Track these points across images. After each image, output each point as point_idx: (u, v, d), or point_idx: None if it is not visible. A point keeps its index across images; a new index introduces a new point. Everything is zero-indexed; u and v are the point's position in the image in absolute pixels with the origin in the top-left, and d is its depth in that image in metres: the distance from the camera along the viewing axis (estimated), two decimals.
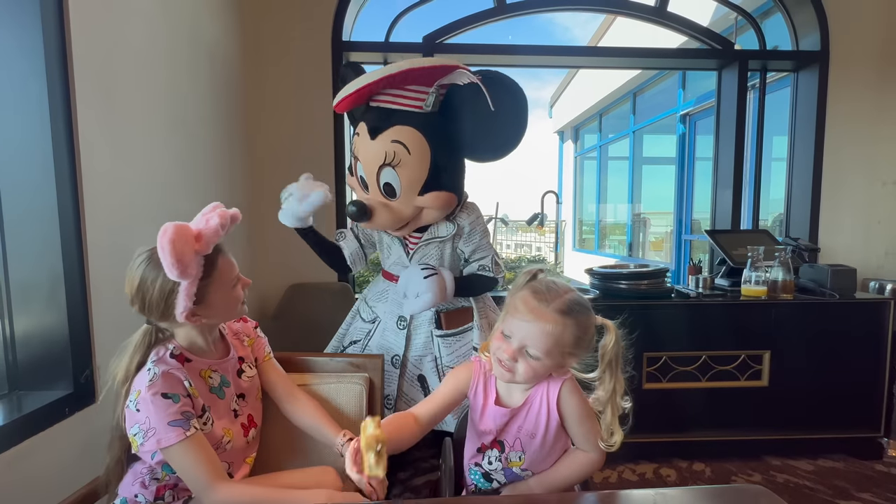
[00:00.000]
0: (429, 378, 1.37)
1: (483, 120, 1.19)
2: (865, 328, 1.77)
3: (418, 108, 1.22)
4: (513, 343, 0.76)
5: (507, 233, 9.31)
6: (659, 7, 2.33)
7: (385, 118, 1.22)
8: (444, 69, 1.18)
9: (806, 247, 2.06)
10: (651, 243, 5.77)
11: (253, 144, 2.12)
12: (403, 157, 1.20)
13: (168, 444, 0.75)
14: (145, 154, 1.37)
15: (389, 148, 1.20)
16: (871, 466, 1.77)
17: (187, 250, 0.74)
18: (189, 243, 0.75)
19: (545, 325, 0.73)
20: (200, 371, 0.86)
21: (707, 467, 1.77)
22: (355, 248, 1.45)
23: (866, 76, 2.32)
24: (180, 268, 0.74)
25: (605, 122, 6.73)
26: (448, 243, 1.36)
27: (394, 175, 1.22)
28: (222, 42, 1.88)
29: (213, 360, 0.89)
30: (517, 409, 0.84)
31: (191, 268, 0.76)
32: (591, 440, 0.83)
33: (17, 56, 1.02)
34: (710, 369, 1.77)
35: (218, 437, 0.84)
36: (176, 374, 0.80)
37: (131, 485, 0.83)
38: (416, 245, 1.36)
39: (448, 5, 2.38)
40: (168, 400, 0.77)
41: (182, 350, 0.85)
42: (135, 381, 0.80)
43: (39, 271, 1.06)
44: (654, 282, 1.80)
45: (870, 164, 2.36)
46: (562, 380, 0.83)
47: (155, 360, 0.81)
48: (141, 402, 0.76)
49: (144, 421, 0.75)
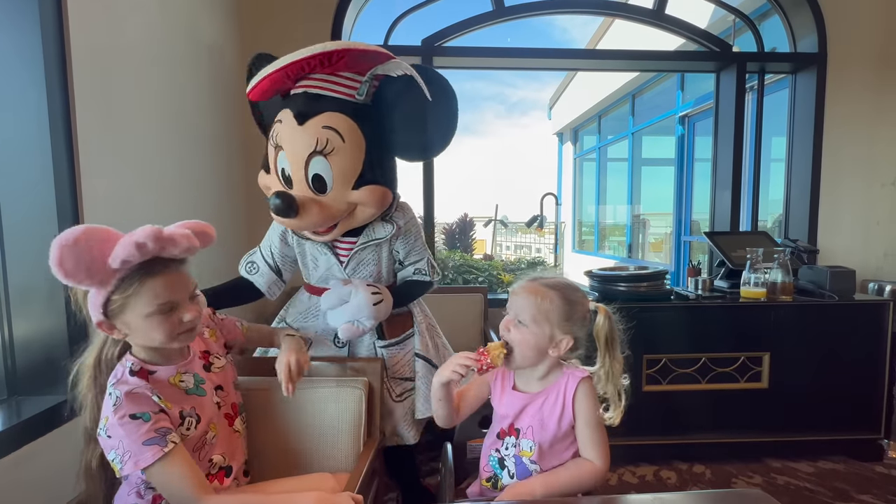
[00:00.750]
0: None
1: (416, 115, 1.12)
2: (865, 329, 1.78)
3: (350, 97, 1.10)
4: (510, 316, 0.88)
5: (507, 234, 9.32)
6: (657, 10, 2.34)
7: (314, 103, 1.08)
8: (379, 57, 1.09)
9: (805, 248, 2.06)
10: (650, 244, 5.77)
11: (251, 146, 2.12)
12: (337, 144, 1.06)
13: (146, 464, 0.72)
14: (144, 157, 1.37)
15: (321, 134, 1.06)
16: (872, 468, 1.77)
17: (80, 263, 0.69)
18: (85, 255, 0.70)
19: (534, 297, 0.85)
20: (169, 379, 0.82)
21: (707, 469, 1.76)
22: (271, 279, 1.29)
23: (864, 78, 2.32)
24: (61, 272, 0.69)
25: (604, 124, 6.74)
26: (385, 245, 1.24)
27: (325, 165, 1.07)
28: (221, 44, 1.88)
29: (178, 364, 0.85)
30: (533, 396, 0.89)
31: (82, 277, 0.70)
32: (596, 447, 0.86)
33: (15, 59, 1.02)
34: (709, 371, 1.77)
35: (201, 435, 0.83)
36: (141, 391, 0.76)
37: (127, 495, 0.82)
38: (351, 250, 1.22)
39: (447, 8, 2.39)
40: (137, 420, 0.74)
41: (142, 364, 0.80)
42: (102, 408, 0.77)
43: (38, 275, 1.05)
44: (653, 284, 1.80)
45: (868, 166, 2.37)
46: (579, 378, 0.87)
47: (114, 383, 0.77)
48: (110, 427, 0.73)
49: (118, 445, 0.73)
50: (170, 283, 0.77)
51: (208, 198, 1.77)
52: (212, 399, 0.88)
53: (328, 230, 1.16)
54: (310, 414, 1.05)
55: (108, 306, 0.75)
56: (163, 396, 0.79)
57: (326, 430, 1.04)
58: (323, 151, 1.06)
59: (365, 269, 1.25)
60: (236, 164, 2.00)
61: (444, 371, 0.87)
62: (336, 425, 1.04)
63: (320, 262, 1.26)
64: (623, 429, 0.88)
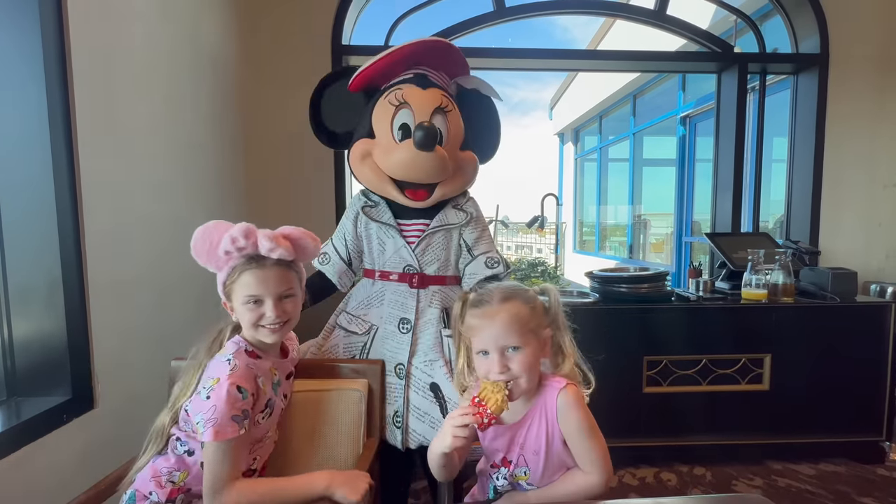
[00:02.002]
0: (443, 386, 1.18)
1: (478, 122, 1.34)
2: (866, 331, 1.77)
3: (450, 93, 1.30)
4: (493, 354, 0.78)
5: (508, 235, 9.32)
6: (658, 10, 2.33)
7: (428, 81, 1.26)
8: (464, 67, 1.32)
9: (806, 250, 2.06)
10: (651, 245, 5.76)
11: (252, 148, 2.12)
12: (452, 108, 1.25)
13: (225, 437, 0.77)
14: (144, 158, 1.37)
15: (442, 97, 1.24)
16: (873, 471, 1.76)
17: (202, 246, 0.85)
18: (206, 241, 0.85)
19: (502, 318, 0.78)
20: (269, 368, 0.91)
21: (708, 472, 1.76)
22: (341, 269, 1.31)
23: (867, 79, 2.31)
24: (196, 254, 0.86)
25: (605, 124, 6.74)
26: (455, 233, 1.28)
27: (444, 121, 1.23)
28: (222, 46, 1.88)
29: (276, 360, 0.94)
30: (516, 426, 0.83)
31: (204, 259, 0.86)
32: (593, 458, 0.79)
33: (15, 59, 1.02)
34: (710, 373, 1.76)
35: (265, 432, 0.89)
36: (252, 369, 0.84)
37: (148, 480, 0.84)
38: (423, 232, 1.24)
39: (448, 9, 2.38)
40: (240, 394, 0.80)
41: (253, 347, 0.89)
42: (211, 369, 0.84)
43: (38, 275, 1.05)
44: (654, 285, 1.80)
45: (870, 167, 2.36)
46: (558, 387, 0.81)
47: (234, 352, 0.85)
48: (216, 389, 0.79)
49: (211, 410, 0.77)
50: (261, 278, 0.86)
51: (208, 197, 1.76)
52: (280, 404, 0.94)
53: (426, 194, 1.23)
54: (310, 415, 1.05)
55: (224, 289, 0.88)
56: (264, 380, 0.87)
57: (326, 430, 1.04)
58: (445, 108, 1.23)
59: (434, 253, 1.26)
60: (237, 166, 2.00)
61: (444, 440, 0.76)
62: (336, 426, 1.04)
63: (387, 246, 1.26)
64: (623, 430, 0.86)
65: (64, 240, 1.06)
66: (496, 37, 2.42)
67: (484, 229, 1.33)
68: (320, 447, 1.03)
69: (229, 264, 0.86)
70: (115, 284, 1.22)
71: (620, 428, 1.71)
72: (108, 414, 1.17)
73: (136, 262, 1.28)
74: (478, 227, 1.31)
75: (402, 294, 1.23)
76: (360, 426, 1.05)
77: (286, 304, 0.89)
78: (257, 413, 0.85)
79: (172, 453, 0.86)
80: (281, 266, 0.88)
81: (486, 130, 1.38)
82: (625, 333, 1.72)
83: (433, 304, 1.24)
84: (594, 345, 0.91)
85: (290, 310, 0.90)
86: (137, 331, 1.30)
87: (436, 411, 1.17)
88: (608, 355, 1.77)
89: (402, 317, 1.22)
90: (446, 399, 1.17)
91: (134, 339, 1.29)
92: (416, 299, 1.22)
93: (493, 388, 0.74)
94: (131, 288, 1.27)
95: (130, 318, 1.28)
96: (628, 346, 1.72)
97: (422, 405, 1.18)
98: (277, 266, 0.87)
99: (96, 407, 1.14)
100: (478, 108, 1.35)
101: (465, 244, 1.29)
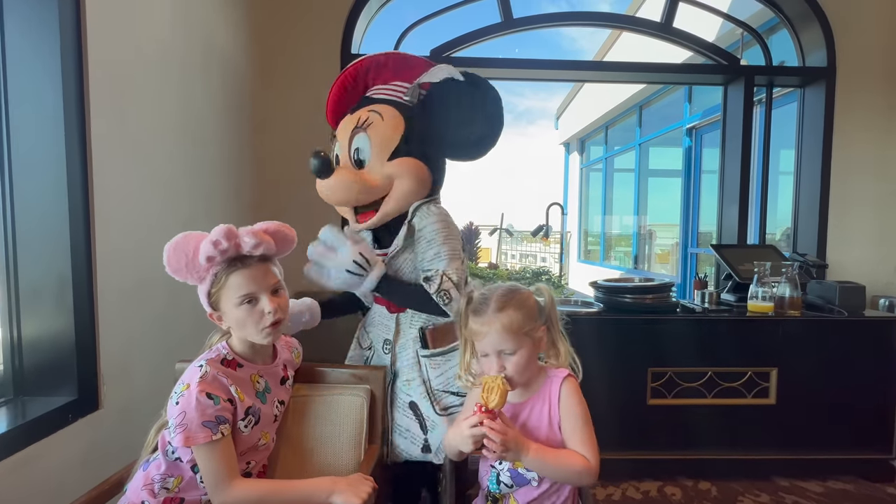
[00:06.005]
0: (420, 404, 1.19)
1: (460, 114, 1.20)
2: (875, 346, 1.75)
3: (399, 99, 1.24)
4: (492, 357, 0.86)
5: (512, 243, 9.32)
6: (664, 23, 2.35)
7: (367, 103, 1.23)
8: (421, 65, 1.25)
9: (813, 263, 2.04)
10: (657, 256, 5.73)
11: (262, 154, 2.15)
12: (375, 120, 1.18)
13: (195, 443, 0.78)
14: (156, 161, 1.39)
15: (363, 115, 1.19)
16: (883, 489, 1.73)
17: (179, 260, 0.84)
18: (181, 254, 0.84)
19: (497, 327, 0.85)
20: (251, 376, 0.90)
21: (713, 486, 1.73)
22: None
23: (874, 92, 2.31)
24: (172, 270, 0.85)
25: (611, 135, 6.75)
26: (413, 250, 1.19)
27: (363, 138, 1.17)
28: (234, 52, 1.92)
29: (261, 366, 0.93)
30: (520, 405, 0.90)
31: (183, 273, 0.85)
32: (585, 444, 0.85)
33: (33, 62, 1.05)
34: (716, 386, 1.74)
35: (255, 440, 0.88)
36: (223, 378, 0.84)
37: (140, 489, 0.84)
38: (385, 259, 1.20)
39: (456, 19, 2.42)
40: (210, 400, 0.80)
41: (235, 356, 0.89)
42: (185, 373, 0.84)
43: (49, 276, 1.07)
44: (659, 296, 1.79)
45: (878, 180, 2.35)
46: (562, 377, 0.88)
47: (209, 359, 0.85)
48: (186, 395, 0.79)
49: (181, 415, 0.78)
50: (251, 276, 0.86)
51: (218, 202, 1.79)
52: (272, 410, 0.94)
53: (370, 214, 1.21)
54: (311, 421, 1.05)
55: (210, 299, 0.87)
56: (240, 389, 0.86)
57: (328, 437, 1.04)
58: (363, 126, 1.18)
59: (405, 276, 1.22)
60: (246, 171, 2.03)
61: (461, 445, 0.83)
62: (337, 433, 1.04)
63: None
64: (627, 442, 0.86)
65: (75, 242, 1.08)
66: (503, 47, 2.44)
67: (430, 244, 1.17)
68: (321, 452, 1.03)
69: (211, 272, 0.85)
70: (124, 287, 1.23)
71: (624, 440, 1.69)
72: (112, 415, 1.18)
73: (144, 265, 1.29)
74: (420, 242, 1.18)
75: (384, 317, 1.27)
76: (361, 432, 1.05)
77: (280, 298, 0.90)
78: (238, 421, 0.84)
79: (164, 459, 0.85)
80: (264, 262, 0.89)
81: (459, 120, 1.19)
82: (629, 344, 1.71)
83: (413, 326, 1.23)
84: (598, 355, 0.91)
85: (284, 303, 0.90)
86: (144, 333, 1.31)
87: (416, 427, 1.19)
88: (612, 366, 1.79)
89: (385, 338, 1.26)
90: (425, 417, 1.19)
91: (140, 342, 1.30)
92: (396, 322, 1.24)
93: (493, 381, 0.83)
94: (139, 290, 1.29)
95: (137, 321, 1.29)
96: (633, 357, 1.70)
97: (402, 422, 1.21)
98: (261, 262, 0.88)
99: (101, 408, 1.15)
100: (445, 99, 1.19)
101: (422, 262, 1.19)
